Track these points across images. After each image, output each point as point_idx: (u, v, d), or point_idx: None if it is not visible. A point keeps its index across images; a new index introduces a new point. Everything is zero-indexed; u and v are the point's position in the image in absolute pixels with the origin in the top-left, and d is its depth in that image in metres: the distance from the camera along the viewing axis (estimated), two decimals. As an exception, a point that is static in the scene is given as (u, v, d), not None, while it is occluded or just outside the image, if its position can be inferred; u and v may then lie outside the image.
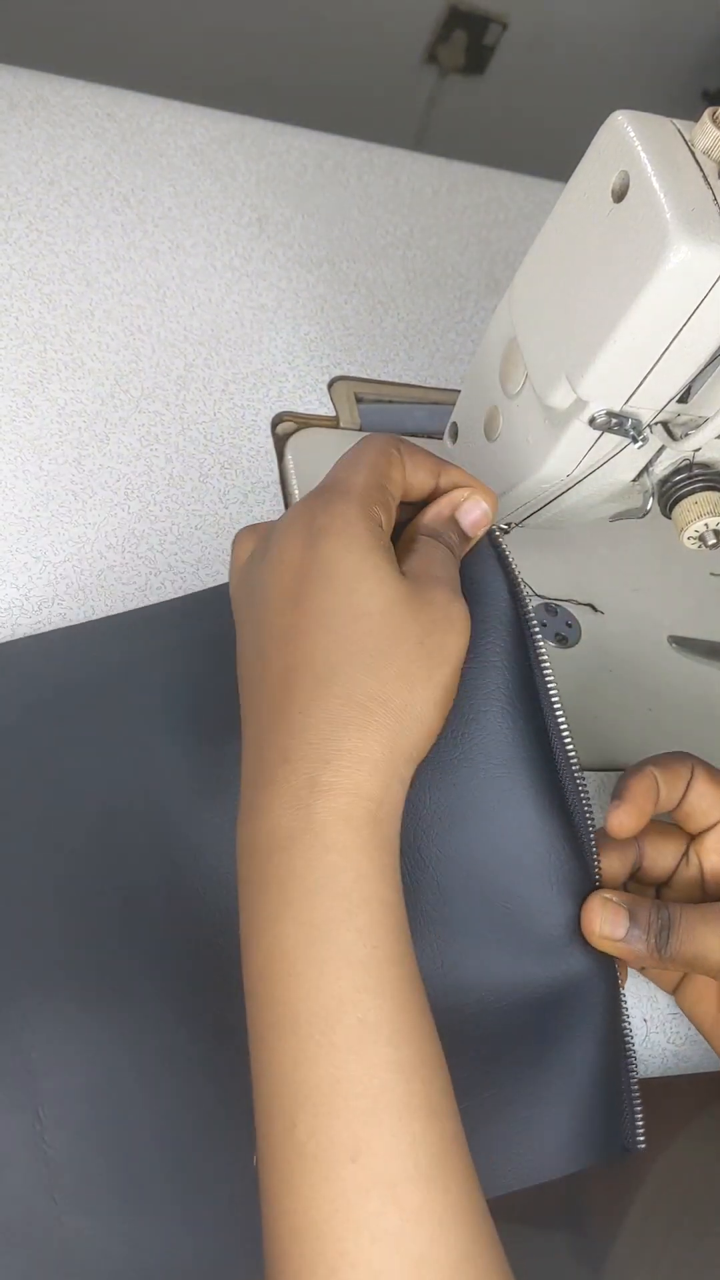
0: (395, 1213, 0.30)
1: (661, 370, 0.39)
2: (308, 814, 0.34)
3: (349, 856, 0.33)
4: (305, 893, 0.33)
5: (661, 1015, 0.50)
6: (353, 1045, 0.32)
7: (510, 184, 0.77)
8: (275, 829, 0.34)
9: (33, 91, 0.67)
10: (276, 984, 0.33)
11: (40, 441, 0.54)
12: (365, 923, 0.33)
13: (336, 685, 0.35)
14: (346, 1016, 0.32)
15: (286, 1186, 0.32)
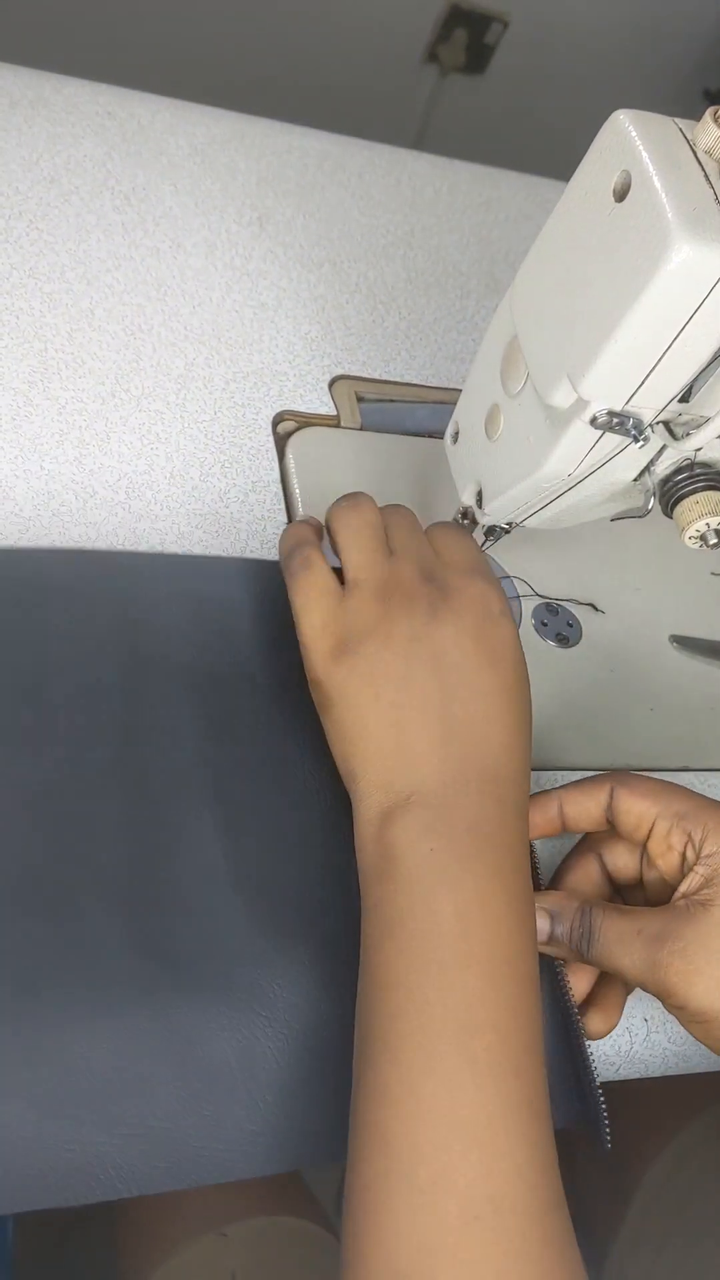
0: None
1: (663, 370, 0.39)
2: (507, 813, 0.43)
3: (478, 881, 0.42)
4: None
5: (661, 1015, 0.50)
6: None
7: (511, 183, 0.77)
8: (474, 816, 0.43)
9: (33, 90, 0.67)
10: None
11: (41, 440, 0.54)
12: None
13: (514, 733, 0.45)
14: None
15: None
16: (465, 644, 0.45)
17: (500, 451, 0.48)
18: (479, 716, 0.44)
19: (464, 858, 0.41)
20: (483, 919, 0.40)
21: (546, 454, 0.44)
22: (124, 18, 1.26)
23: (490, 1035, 0.38)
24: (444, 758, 0.43)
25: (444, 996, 0.39)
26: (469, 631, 0.45)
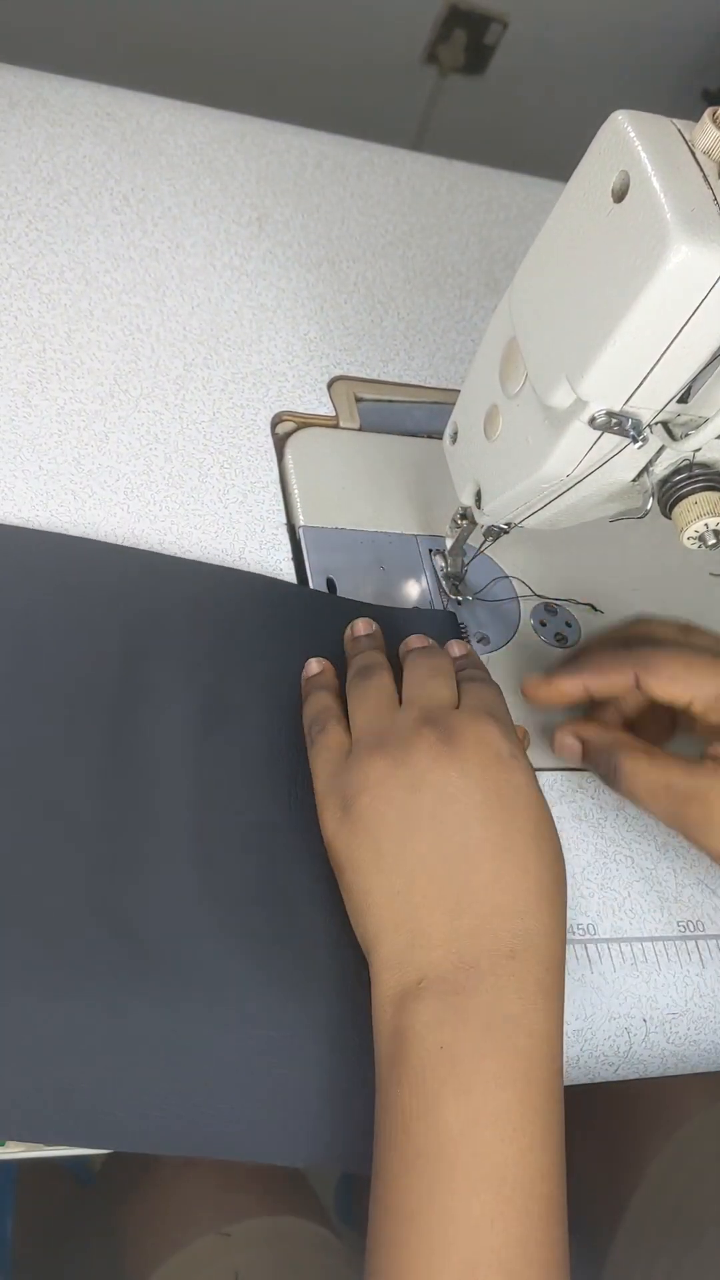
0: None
1: (662, 370, 0.39)
2: (527, 998, 0.39)
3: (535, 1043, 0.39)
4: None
5: (661, 1015, 0.50)
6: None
7: (510, 184, 0.77)
8: (489, 1007, 0.39)
9: (32, 90, 0.67)
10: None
11: (40, 441, 0.54)
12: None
13: (535, 896, 0.41)
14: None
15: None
16: (471, 792, 0.41)
17: (499, 452, 0.48)
18: (490, 879, 0.40)
19: (475, 1057, 0.38)
20: (495, 1134, 0.37)
21: (545, 454, 0.44)
22: (124, 18, 1.26)
23: (496, 1275, 0.35)
24: (454, 933, 0.40)
25: (446, 1227, 0.36)
26: (475, 777, 0.42)
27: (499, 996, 0.39)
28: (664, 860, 0.54)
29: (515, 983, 0.39)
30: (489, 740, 0.43)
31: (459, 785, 0.42)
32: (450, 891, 0.40)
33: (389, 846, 0.41)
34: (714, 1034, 0.51)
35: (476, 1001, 0.39)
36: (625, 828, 0.54)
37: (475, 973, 0.39)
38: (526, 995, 0.39)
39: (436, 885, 0.40)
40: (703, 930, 0.52)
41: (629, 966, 0.50)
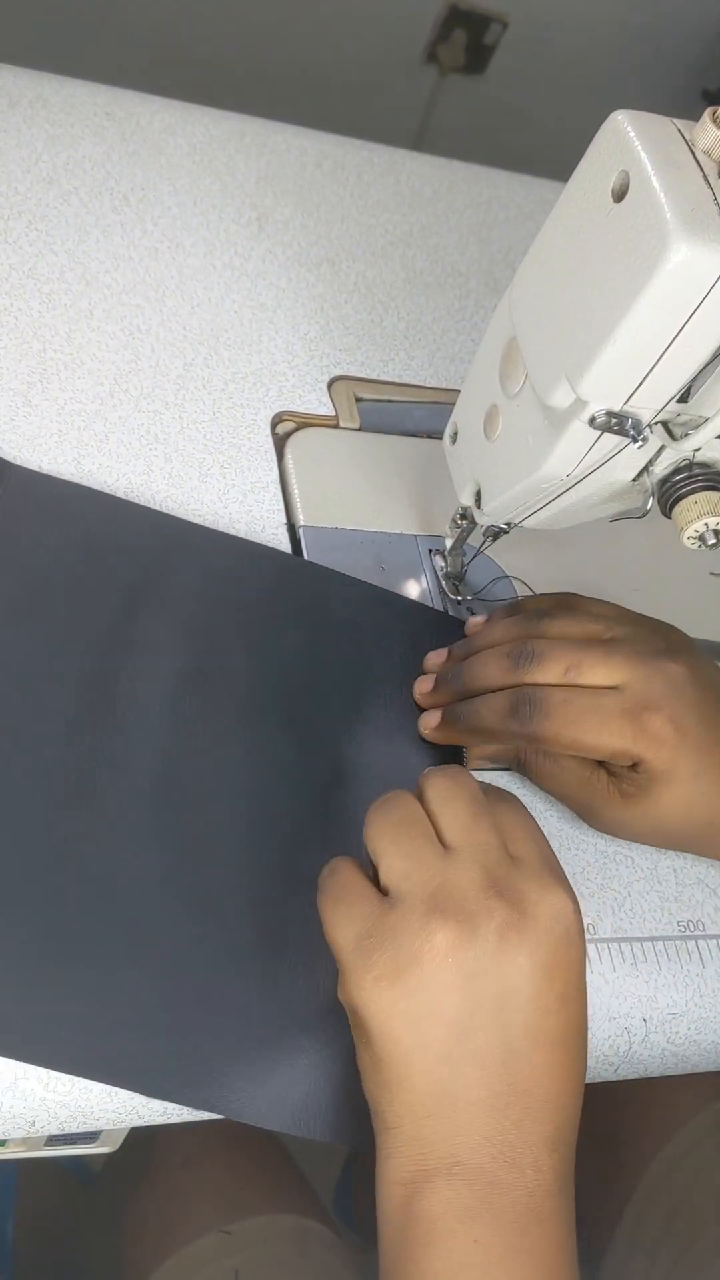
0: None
1: (661, 370, 0.39)
2: (562, 1195, 0.37)
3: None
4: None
5: (661, 1015, 0.50)
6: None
7: (510, 183, 0.77)
8: (529, 1205, 0.36)
9: (32, 90, 0.67)
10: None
11: (39, 441, 0.54)
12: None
13: (574, 1091, 0.39)
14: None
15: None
16: (538, 981, 0.37)
17: (499, 452, 0.48)
18: (543, 1071, 0.37)
19: (511, 1256, 0.35)
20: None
21: (545, 454, 0.44)
22: (124, 18, 1.26)
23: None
24: (497, 1125, 0.37)
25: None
26: (543, 964, 0.38)
27: (537, 1195, 0.36)
28: (664, 860, 0.54)
29: (552, 1176, 0.37)
30: (561, 917, 0.39)
31: (526, 973, 0.37)
32: (501, 1085, 0.37)
33: (441, 1034, 0.37)
34: (714, 1034, 0.51)
35: (514, 1198, 0.36)
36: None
37: (515, 1168, 0.36)
38: (562, 1192, 0.37)
39: (488, 1079, 0.37)
40: (703, 930, 0.52)
41: (629, 966, 0.50)
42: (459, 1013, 0.37)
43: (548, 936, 0.38)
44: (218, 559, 0.53)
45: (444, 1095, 0.37)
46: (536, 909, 0.38)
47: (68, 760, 0.46)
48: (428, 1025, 0.37)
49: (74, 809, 0.45)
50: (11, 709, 0.46)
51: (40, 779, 0.45)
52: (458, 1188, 0.36)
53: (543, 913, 0.38)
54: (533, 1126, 0.37)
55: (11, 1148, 0.46)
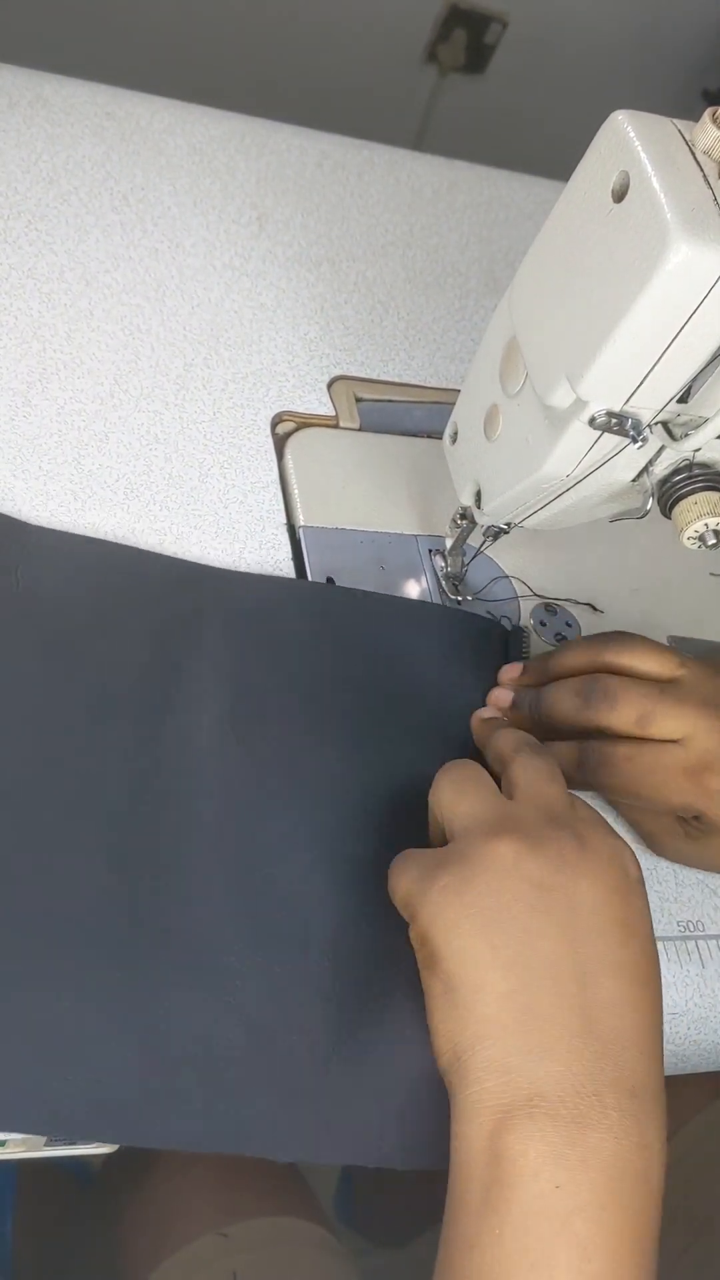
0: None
1: (661, 370, 0.39)
2: (649, 1149, 0.35)
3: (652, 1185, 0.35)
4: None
5: (661, 1016, 0.50)
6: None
7: (510, 183, 0.77)
8: (615, 1156, 0.34)
9: (32, 90, 0.67)
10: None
11: (39, 441, 0.54)
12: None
13: (653, 1037, 0.37)
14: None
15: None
16: (602, 907, 0.37)
17: (499, 452, 0.48)
18: (619, 1005, 0.36)
19: (597, 1209, 0.33)
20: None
21: (545, 454, 0.44)
22: (124, 18, 1.26)
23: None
24: (578, 1053, 0.35)
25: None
26: (606, 892, 0.38)
27: (623, 1141, 0.35)
28: (664, 860, 0.53)
29: (638, 1128, 0.35)
30: (620, 859, 0.40)
31: (591, 895, 0.38)
32: (577, 1006, 0.36)
33: (507, 940, 0.36)
34: (714, 1034, 0.51)
35: (600, 1140, 0.34)
36: (625, 828, 0.54)
37: (599, 1105, 0.35)
38: (649, 1146, 0.35)
39: (562, 996, 0.36)
40: (703, 930, 0.52)
41: (629, 967, 0.50)
42: (528, 920, 0.37)
43: (609, 868, 0.38)
44: (240, 598, 0.52)
45: (521, 1008, 0.36)
46: (596, 844, 0.39)
47: (132, 823, 0.45)
48: (497, 931, 0.36)
49: (139, 871, 0.44)
50: (61, 779, 0.45)
51: (104, 844, 0.44)
52: (542, 1124, 0.34)
53: (602, 848, 0.39)
54: (614, 1065, 0.36)
55: (11, 1148, 0.46)
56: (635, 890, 0.39)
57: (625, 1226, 0.34)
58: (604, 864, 0.39)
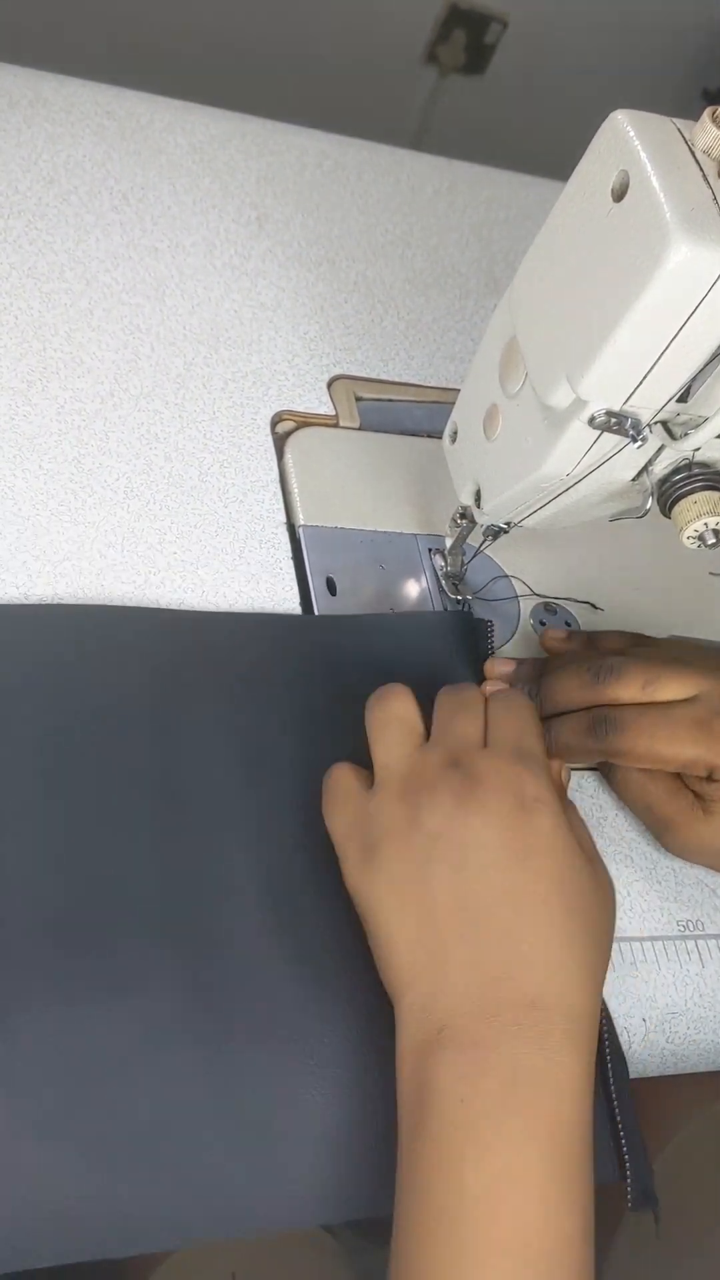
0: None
1: (661, 370, 0.39)
2: (551, 1052, 0.38)
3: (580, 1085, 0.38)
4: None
5: (660, 1015, 0.50)
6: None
7: (510, 183, 0.77)
8: (511, 1063, 0.37)
9: (32, 90, 0.67)
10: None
11: (39, 440, 0.54)
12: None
13: (563, 947, 0.40)
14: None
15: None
16: (490, 839, 0.40)
17: (498, 451, 0.48)
18: (509, 928, 0.39)
19: (497, 1113, 0.36)
20: (518, 1198, 0.35)
21: (545, 454, 0.44)
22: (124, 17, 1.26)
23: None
24: (474, 981, 0.39)
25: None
26: (495, 824, 0.41)
27: (520, 1050, 0.37)
28: (664, 860, 0.54)
29: (538, 1034, 0.38)
30: (512, 784, 0.42)
31: (478, 833, 0.41)
32: (470, 939, 0.39)
33: (410, 892, 0.40)
34: (714, 1034, 0.51)
35: (497, 1055, 0.37)
36: (625, 827, 0.54)
37: (497, 1023, 0.38)
38: (550, 1048, 0.38)
39: (456, 933, 0.39)
40: (703, 930, 0.52)
41: (628, 966, 0.50)
42: (423, 873, 0.40)
43: (497, 801, 0.41)
44: (223, 640, 0.50)
45: (427, 956, 0.40)
46: (487, 779, 0.42)
47: (161, 893, 0.43)
48: (401, 891, 0.41)
49: (173, 937, 0.43)
50: (88, 865, 0.43)
51: (133, 914, 0.43)
52: (449, 1050, 0.38)
53: (492, 782, 0.42)
54: (511, 985, 0.38)
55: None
56: (534, 810, 0.41)
57: (522, 1126, 0.36)
58: (495, 795, 0.41)
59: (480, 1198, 0.35)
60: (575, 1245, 0.36)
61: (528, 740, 0.45)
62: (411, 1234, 0.37)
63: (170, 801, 0.46)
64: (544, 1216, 0.35)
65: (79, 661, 0.48)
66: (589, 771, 0.55)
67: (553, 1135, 0.37)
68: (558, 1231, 0.35)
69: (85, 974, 0.41)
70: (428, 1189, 0.36)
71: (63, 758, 0.45)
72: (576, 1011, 0.39)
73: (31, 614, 0.48)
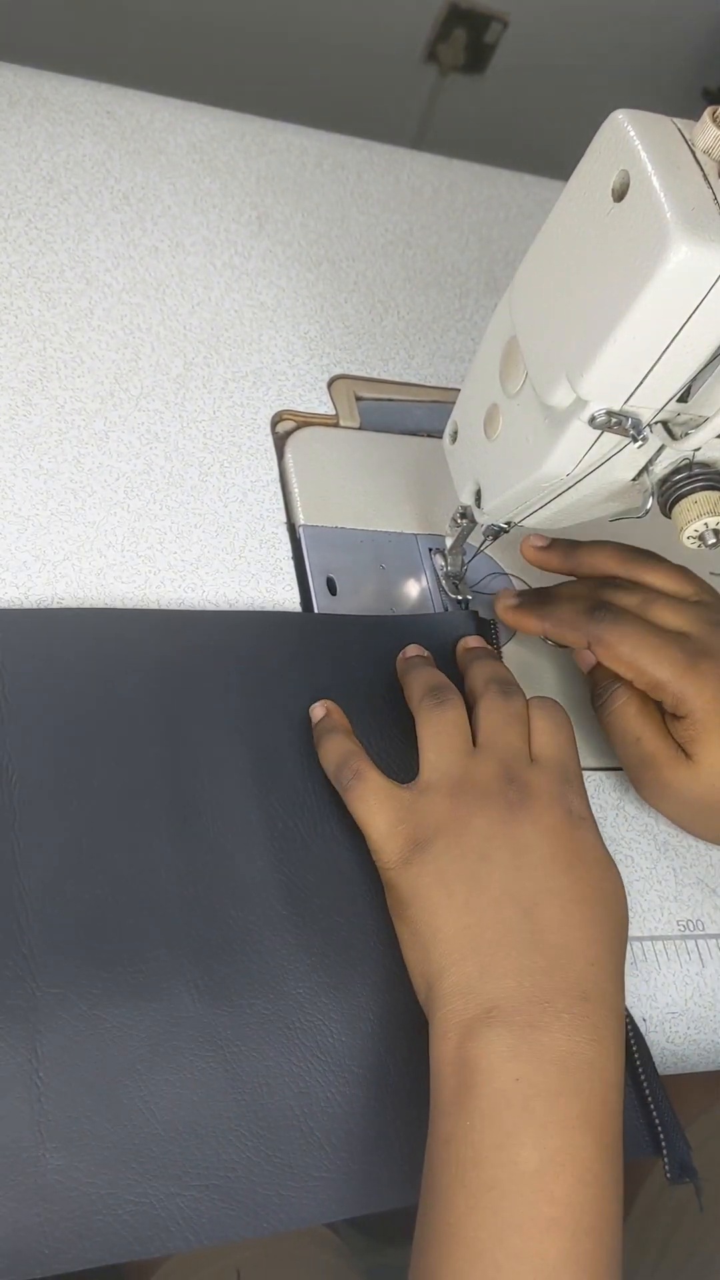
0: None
1: (661, 369, 0.39)
2: (601, 1043, 0.39)
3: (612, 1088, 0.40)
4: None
5: (660, 1015, 0.50)
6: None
7: (510, 182, 0.77)
8: (567, 1048, 0.39)
9: (32, 89, 0.67)
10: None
11: (40, 440, 0.54)
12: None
13: (603, 947, 0.42)
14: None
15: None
16: (544, 846, 0.43)
17: (499, 451, 0.48)
18: (562, 923, 0.41)
19: (552, 1095, 0.38)
20: (572, 1177, 0.37)
21: (545, 454, 0.44)
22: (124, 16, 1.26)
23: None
24: (526, 969, 0.40)
25: (518, 1266, 0.35)
26: (547, 834, 0.43)
27: (574, 1037, 0.39)
28: (664, 859, 0.54)
29: (589, 1025, 0.39)
30: (560, 800, 0.45)
31: (532, 838, 0.43)
32: (523, 930, 0.41)
33: (460, 887, 0.42)
34: (714, 1034, 0.51)
35: (552, 1039, 0.39)
36: (625, 827, 0.54)
37: (550, 1009, 0.39)
38: (600, 1041, 0.39)
39: (508, 924, 0.41)
40: (703, 930, 0.52)
41: (628, 966, 0.50)
42: (477, 868, 0.42)
43: (549, 810, 0.44)
44: (231, 638, 0.51)
45: (474, 939, 0.41)
46: (539, 793, 0.44)
47: (178, 893, 0.44)
48: (450, 881, 0.42)
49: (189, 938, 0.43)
50: (108, 869, 0.44)
51: (151, 915, 0.43)
52: (498, 1029, 0.39)
53: (544, 796, 0.44)
54: (561, 975, 0.40)
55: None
56: (579, 825, 0.44)
57: (579, 1109, 0.38)
58: (545, 807, 0.44)
59: (536, 1174, 0.36)
60: (617, 1230, 0.37)
61: (571, 762, 0.47)
62: (456, 1206, 0.37)
63: (183, 802, 0.46)
64: (595, 1198, 0.37)
65: (89, 664, 0.48)
66: (592, 773, 0.55)
67: (602, 1121, 0.38)
68: (603, 1210, 0.37)
69: (106, 977, 0.41)
70: (476, 1162, 0.37)
71: (78, 761, 0.45)
72: (615, 1008, 0.41)
73: (40, 618, 0.49)
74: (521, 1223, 0.36)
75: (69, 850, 0.43)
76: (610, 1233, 0.37)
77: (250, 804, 0.47)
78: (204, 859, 0.45)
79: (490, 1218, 0.36)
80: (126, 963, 0.42)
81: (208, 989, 0.42)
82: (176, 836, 0.45)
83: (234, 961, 0.43)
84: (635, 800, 0.55)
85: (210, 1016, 0.42)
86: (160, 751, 0.47)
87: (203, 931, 0.43)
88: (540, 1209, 0.36)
